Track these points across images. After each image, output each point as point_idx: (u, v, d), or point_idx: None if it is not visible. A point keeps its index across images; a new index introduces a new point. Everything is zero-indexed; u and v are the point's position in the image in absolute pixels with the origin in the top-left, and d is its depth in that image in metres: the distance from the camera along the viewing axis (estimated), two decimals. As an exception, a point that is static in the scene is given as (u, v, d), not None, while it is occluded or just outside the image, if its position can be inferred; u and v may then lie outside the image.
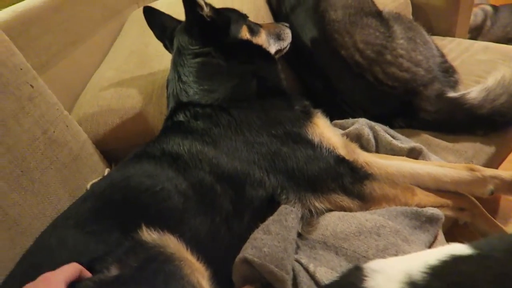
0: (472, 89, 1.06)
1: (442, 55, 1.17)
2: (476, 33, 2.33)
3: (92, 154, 0.95)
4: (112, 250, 0.65)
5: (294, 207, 0.78)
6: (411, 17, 1.56)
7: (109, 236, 0.68)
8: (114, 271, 0.62)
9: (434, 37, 1.51)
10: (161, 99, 1.06)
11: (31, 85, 0.84)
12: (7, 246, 0.70)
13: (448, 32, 1.60)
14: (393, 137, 0.97)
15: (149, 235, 0.66)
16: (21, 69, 0.84)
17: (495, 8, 2.45)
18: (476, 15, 2.32)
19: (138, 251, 0.64)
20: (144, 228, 0.66)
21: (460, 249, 0.49)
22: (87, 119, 1.05)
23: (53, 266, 0.63)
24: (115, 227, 0.70)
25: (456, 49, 1.44)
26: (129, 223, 0.69)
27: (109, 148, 1.04)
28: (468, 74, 1.24)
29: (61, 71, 1.24)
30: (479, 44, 1.46)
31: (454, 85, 1.13)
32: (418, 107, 1.06)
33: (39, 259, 0.68)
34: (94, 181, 0.89)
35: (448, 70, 1.14)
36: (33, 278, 0.61)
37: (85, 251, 0.66)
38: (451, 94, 1.06)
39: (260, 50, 1.00)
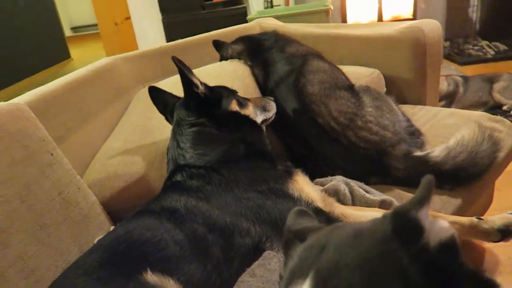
0: (435, 148, 1.20)
1: (408, 120, 1.33)
2: (450, 99, 2.56)
3: (99, 214, 1.07)
4: (117, 292, 0.74)
5: (277, 253, 0.88)
6: (384, 89, 1.76)
7: (114, 281, 0.78)
8: (118, 309, 0.71)
9: (406, 105, 1.70)
10: (162, 164, 1.20)
11: (51, 153, 0.99)
12: (23, 293, 0.79)
13: (419, 101, 1.79)
14: (367, 191, 1.10)
15: (151, 277, 0.76)
16: (43, 140, 0.99)
17: (465, 77, 2.71)
18: (449, 84, 2.57)
19: (141, 290, 0.73)
20: (147, 271, 0.76)
21: None
22: (96, 184, 1.18)
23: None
24: (120, 273, 0.79)
25: (426, 115, 1.61)
26: (131, 269, 0.79)
27: (115, 209, 1.16)
28: (435, 136, 1.39)
29: (74, 144, 1.39)
30: (446, 110, 1.63)
31: (420, 146, 1.28)
32: (388, 165, 1.19)
33: (52, 303, 0.77)
34: (100, 237, 1.00)
35: (414, 133, 1.30)
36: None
37: (93, 294, 0.76)
38: (417, 153, 1.21)
39: (248, 120, 1.16)
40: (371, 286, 0.35)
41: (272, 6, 4.16)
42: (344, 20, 3.96)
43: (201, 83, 1.13)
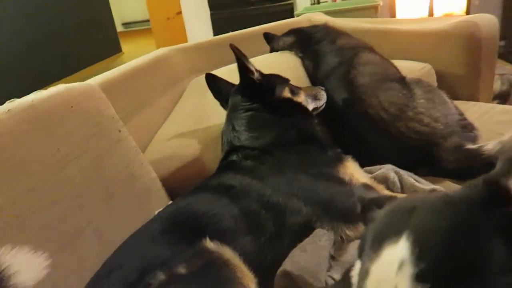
0: (489, 142, 1.19)
1: (461, 114, 1.32)
2: (503, 99, 2.46)
3: (159, 189, 1.15)
4: (179, 255, 0.81)
5: (327, 232, 0.92)
6: (436, 84, 1.74)
7: (176, 247, 0.85)
8: (182, 269, 0.77)
9: (458, 101, 1.67)
10: (216, 147, 1.27)
11: (119, 130, 1.08)
12: (95, 252, 0.88)
13: (472, 97, 1.75)
14: (416, 181, 1.10)
15: (210, 244, 0.82)
16: (113, 118, 1.09)
17: (521, 77, 2.59)
18: (502, 83, 2.47)
19: (202, 255, 0.80)
20: (207, 238, 0.82)
21: None
22: (155, 163, 1.26)
23: (131, 267, 0.81)
24: (180, 240, 0.86)
25: (478, 111, 1.58)
26: (192, 237, 0.86)
27: (171, 187, 1.24)
28: (488, 132, 1.36)
29: (133, 127, 1.49)
30: (499, 107, 1.59)
31: (473, 139, 1.26)
32: (438, 157, 1.19)
33: (120, 262, 0.85)
34: (159, 210, 1.08)
35: (467, 126, 1.28)
36: (114, 277, 0.78)
37: (156, 256, 0.83)
38: (469, 146, 1.20)
39: (300, 107, 1.21)
40: (464, 245, 0.40)
41: (319, 2, 4.16)
42: (392, 16, 3.89)
43: (256, 70, 1.19)
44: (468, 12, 3.68)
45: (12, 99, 0.89)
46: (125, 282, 0.77)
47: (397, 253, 0.42)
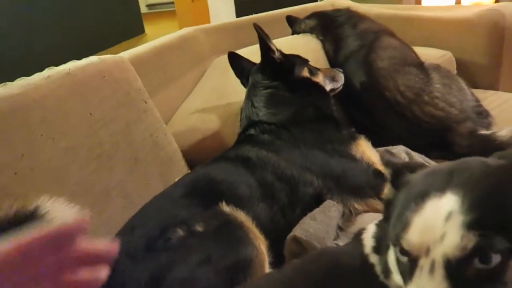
0: (503, 128, 1.21)
1: (477, 100, 1.34)
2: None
3: (180, 159, 1.22)
4: (197, 216, 0.88)
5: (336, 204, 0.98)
6: (455, 72, 1.75)
7: (195, 209, 0.91)
8: (199, 228, 0.84)
9: (477, 90, 1.67)
10: (234, 123, 1.33)
11: (145, 101, 1.15)
12: (120, 211, 0.96)
13: (492, 87, 1.75)
14: (426, 162, 1.14)
15: (225, 207, 0.89)
16: (140, 89, 1.16)
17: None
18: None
19: (218, 216, 0.87)
20: (223, 202, 0.89)
21: None
22: (177, 135, 1.33)
23: (153, 225, 0.88)
24: (200, 203, 0.93)
25: (497, 100, 1.58)
26: (209, 201, 0.92)
27: (190, 158, 1.31)
28: (505, 121, 1.38)
29: (157, 102, 1.56)
30: (519, 96, 1.60)
31: (487, 126, 1.28)
32: (452, 141, 1.22)
33: (143, 220, 0.92)
34: (179, 177, 1.15)
35: (482, 113, 1.30)
36: (138, 232, 0.86)
37: (176, 216, 0.89)
38: (483, 131, 1.22)
39: (318, 87, 1.25)
40: (505, 204, 0.45)
41: (344, -12, 4.11)
42: (418, 4, 3.83)
43: (277, 49, 1.23)
44: (498, 1, 3.58)
45: (50, 67, 0.97)
46: (147, 237, 0.84)
47: (445, 204, 0.46)
